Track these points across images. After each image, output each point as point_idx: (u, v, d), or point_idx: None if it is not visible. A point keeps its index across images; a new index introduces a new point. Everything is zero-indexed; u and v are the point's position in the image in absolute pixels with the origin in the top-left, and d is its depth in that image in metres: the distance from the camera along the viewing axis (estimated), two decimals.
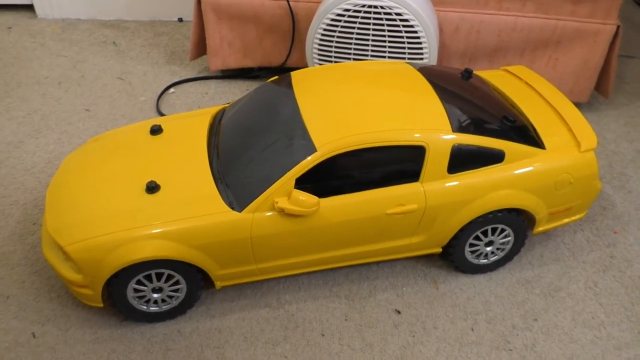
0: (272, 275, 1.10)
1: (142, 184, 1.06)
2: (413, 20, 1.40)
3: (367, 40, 1.44)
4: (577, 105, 1.63)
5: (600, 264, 1.22)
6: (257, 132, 1.09)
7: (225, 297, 1.16)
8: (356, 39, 1.44)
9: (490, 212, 1.08)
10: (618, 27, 1.56)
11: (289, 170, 1.00)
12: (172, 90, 1.77)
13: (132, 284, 1.03)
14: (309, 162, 0.99)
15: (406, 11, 1.39)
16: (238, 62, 1.77)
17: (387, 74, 1.17)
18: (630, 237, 1.28)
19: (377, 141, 1.00)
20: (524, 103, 1.20)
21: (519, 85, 1.28)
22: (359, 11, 1.41)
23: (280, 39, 1.71)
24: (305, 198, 0.98)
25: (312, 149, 1.00)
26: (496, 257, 1.17)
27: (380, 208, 1.04)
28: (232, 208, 1.01)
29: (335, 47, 1.46)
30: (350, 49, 1.46)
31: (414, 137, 1.02)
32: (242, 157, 1.07)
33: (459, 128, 1.04)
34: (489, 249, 1.15)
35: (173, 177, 1.07)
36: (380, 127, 1.02)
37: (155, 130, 1.19)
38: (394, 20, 1.40)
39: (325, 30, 1.45)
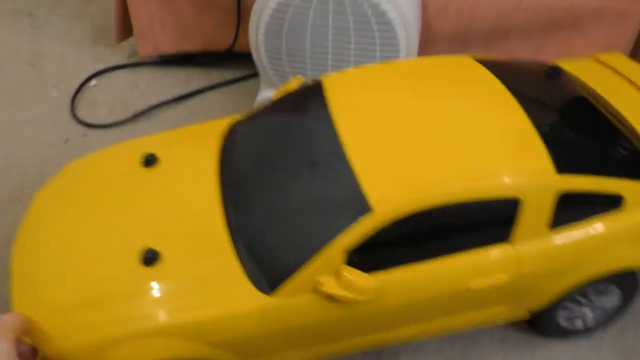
0: None
1: (135, 250, 0.76)
2: (384, 3, 1.05)
3: (326, 28, 1.10)
4: None
5: None
6: (286, 172, 0.78)
7: None
8: (312, 26, 1.10)
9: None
10: None
11: (334, 238, 0.69)
12: (93, 82, 1.44)
13: None
14: (362, 227, 0.69)
15: None
16: (174, 47, 1.43)
17: (453, 81, 0.85)
18: None
19: (455, 196, 0.71)
20: (633, 113, 0.87)
21: (621, 85, 0.93)
22: None
23: (224, 18, 1.36)
24: (361, 281, 0.69)
25: (365, 208, 0.69)
26: (594, 321, 0.88)
27: (459, 281, 0.75)
28: (259, 287, 0.72)
29: (287, 37, 1.12)
30: (305, 39, 1.12)
31: (504, 187, 0.72)
32: (269, 213, 0.76)
33: (563, 166, 0.74)
34: (586, 310, 0.87)
35: (176, 238, 0.77)
36: (458, 173, 0.72)
37: (150, 161, 0.87)
38: (360, 4, 1.06)
39: (272, 16, 1.11)
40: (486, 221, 0.74)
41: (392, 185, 0.71)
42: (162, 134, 0.96)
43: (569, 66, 0.99)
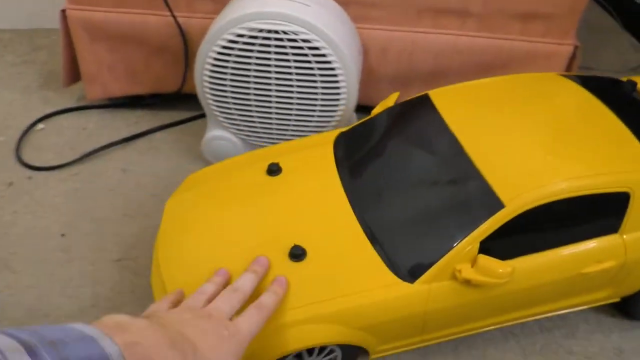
0: (432, 343, 0.91)
1: (282, 248, 0.84)
2: (325, 47, 1.10)
3: (270, 71, 1.14)
4: None
5: None
6: (412, 175, 0.90)
7: None
8: (255, 70, 1.14)
9: None
10: (576, 47, 1.30)
11: (471, 231, 0.80)
12: (40, 126, 1.43)
13: None
14: (495, 221, 0.80)
15: (315, 37, 1.09)
16: (123, 90, 1.44)
17: (547, 92, 0.99)
18: None
19: (574, 191, 0.81)
20: None
21: None
22: (256, 37, 1.10)
23: (173, 61, 1.39)
24: (497, 266, 0.79)
25: (498, 205, 0.80)
26: None
27: (574, 267, 0.86)
28: (401, 277, 0.81)
29: (231, 79, 1.16)
30: (249, 82, 1.15)
31: (617, 182, 0.83)
32: (399, 209, 0.88)
33: None
34: None
35: (317, 236, 0.86)
36: (574, 172, 0.82)
37: (274, 171, 0.97)
38: (301, 48, 1.10)
39: (216, 59, 1.14)
40: (599, 214, 0.85)
41: (519, 185, 0.82)
42: (278, 146, 1.08)
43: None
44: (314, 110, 1.18)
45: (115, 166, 1.33)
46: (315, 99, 1.17)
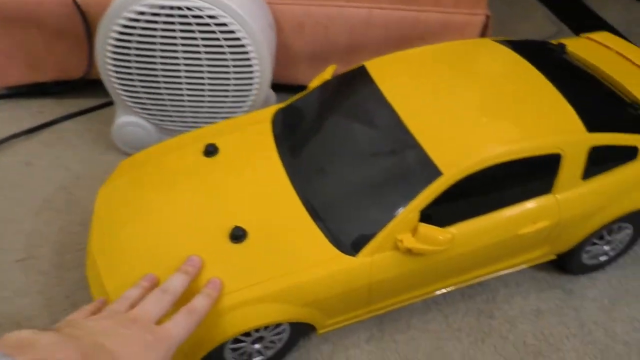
0: (379, 313, 0.92)
1: (222, 230, 0.83)
2: (232, 23, 1.05)
3: (176, 50, 1.08)
4: None
5: (477, 330, 0.97)
6: (351, 148, 0.89)
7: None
8: (161, 50, 1.08)
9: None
10: (487, 17, 1.31)
11: (410, 201, 0.80)
12: None
13: (230, 345, 0.82)
14: (434, 188, 0.80)
15: (221, 12, 1.04)
16: (24, 78, 1.35)
17: (482, 58, 1.01)
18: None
19: (509, 155, 0.82)
20: (627, 79, 1.03)
21: (613, 58, 1.11)
22: (159, 14, 1.04)
23: (75, 45, 1.30)
24: (438, 234, 0.80)
25: (435, 173, 0.80)
26: (611, 255, 1.06)
27: (511, 229, 0.89)
28: (343, 251, 0.80)
29: (136, 60, 1.09)
30: (155, 62, 1.09)
31: (549, 145, 0.85)
32: (339, 183, 0.87)
33: (591, 126, 0.88)
34: (607, 248, 1.04)
35: (257, 216, 0.85)
36: (508, 136, 0.84)
37: (211, 152, 0.94)
38: (207, 24, 1.05)
39: (117, 39, 1.07)
40: (533, 176, 0.87)
41: (456, 152, 0.82)
42: (214, 126, 1.04)
43: (569, 44, 1.15)
44: (227, 91, 1.14)
45: (18, 160, 1.24)
46: (228, 78, 1.12)
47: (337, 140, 0.92)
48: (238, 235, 0.81)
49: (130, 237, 0.85)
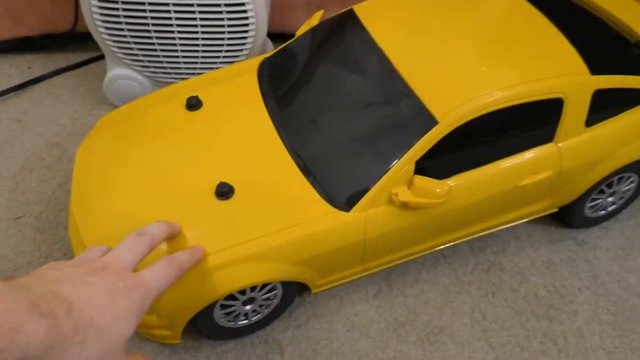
0: (374, 271, 0.89)
1: (207, 187, 0.78)
2: None
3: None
4: None
5: (487, 283, 0.95)
6: (342, 98, 0.84)
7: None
8: None
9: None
10: None
11: (405, 152, 0.75)
12: None
13: (220, 303, 0.78)
14: (429, 138, 0.75)
15: None
16: (8, 32, 1.29)
17: (479, 0, 0.93)
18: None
19: (508, 100, 0.77)
20: (633, 19, 0.96)
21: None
22: None
23: None
24: (434, 186, 0.76)
25: (431, 121, 0.75)
26: (615, 206, 1.01)
27: (511, 181, 0.84)
28: (336, 207, 0.76)
29: (124, 8, 1.03)
30: (145, 9, 1.03)
31: (550, 88, 0.79)
32: (330, 135, 0.82)
33: (595, 68, 0.82)
34: (610, 199, 0.99)
35: (244, 172, 0.80)
36: (507, 80, 0.78)
37: (194, 105, 0.89)
38: None
39: None
40: (533, 124, 0.82)
41: (451, 98, 0.77)
42: (198, 78, 0.98)
43: None
44: (222, 39, 1.08)
45: (8, 117, 1.20)
46: (222, 26, 1.06)
47: (326, 90, 0.87)
48: (224, 191, 0.77)
49: (111, 195, 0.81)
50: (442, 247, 0.91)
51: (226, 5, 1.03)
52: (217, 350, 0.85)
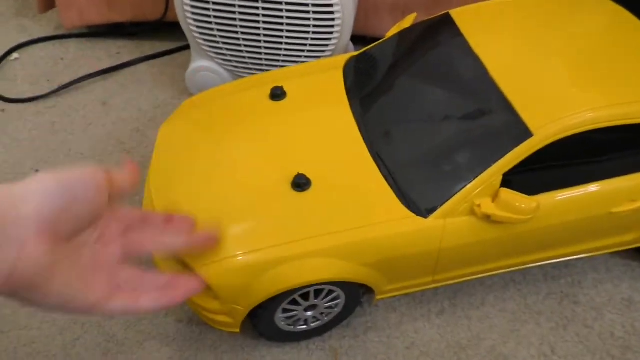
0: (442, 285, 0.85)
1: (284, 177, 0.77)
2: None
3: None
4: None
5: (559, 316, 0.90)
6: (431, 102, 0.81)
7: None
8: None
9: None
10: None
11: (494, 163, 0.72)
12: (14, 55, 1.33)
13: (283, 306, 0.78)
14: (522, 151, 0.72)
15: None
16: (102, 17, 1.33)
17: (581, 12, 0.89)
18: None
19: (608, 120, 0.73)
20: None
21: None
22: None
23: None
24: (521, 201, 0.72)
25: (526, 133, 0.72)
26: None
27: (605, 206, 0.79)
28: (414, 212, 0.74)
29: (214, 2, 1.04)
30: (234, 6, 1.04)
31: None
32: (414, 139, 0.79)
33: None
34: None
35: (322, 166, 0.79)
36: (609, 99, 0.73)
37: (278, 95, 0.89)
38: None
39: None
40: (635, 147, 0.77)
41: (549, 112, 0.73)
42: (284, 70, 0.97)
43: None
44: (306, 39, 1.08)
45: (94, 99, 1.24)
46: (308, 25, 1.06)
47: (414, 94, 0.84)
48: (301, 183, 0.76)
49: (189, 178, 0.81)
50: (515, 269, 0.87)
51: (314, 5, 1.03)
52: (273, 352, 0.85)
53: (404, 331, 0.87)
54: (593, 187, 0.77)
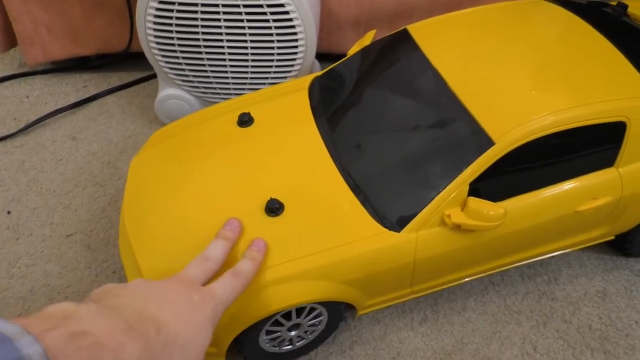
0: (421, 294, 0.88)
1: (257, 203, 0.78)
2: None
3: (218, 19, 1.04)
4: None
5: (538, 313, 0.92)
6: (395, 117, 0.83)
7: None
8: (203, 19, 1.04)
9: None
10: None
11: (459, 173, 0.74)
12: None
13: (266, 328, 0.78)
14: (485, 159, 0.74)
15: None
16: (65, 52, 1.33)
17: (534, 19, 0.93)
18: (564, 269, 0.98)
19: (568, 122, 0.75)
20: None
21: None
22: None
23: (116, 17, 1.28)
24: (489, 209, 0.74)
25: (487, 142, 0.74)
26: None
27: (569, 206, 0.82)
28: (387, 227, 0.75)
29: (177, 31, 1.06)
30: (197, 32, 1.06)
31: (612, 111, 0.77)
32: (382, 155, 0.81)
33: None
34: None
35: (294, 189, 0.80)
36: (566, 102, 0.76)
37: (245, 121, 0.90)
38: None
39: (158, 9, 1.03)
40: (594, 147, 0.80)
41: (508, 119, 0.75)
42: (250, 95, 0.99)
43: (629, 3, 1.04)
44: (271, 61, 1.09)
45: (63, 134, 1.24)
46: (272, 47, 1.07)
47: (378, 110, 0.86)
48: (274, 207, 0.76)
49: (163, 211, 0.81)
50: (492, 272, 0.88)
51: (276, 27, 1.04)
52: None
53: (389, 342, 0.88)
54: (557, 189, 0.80)
